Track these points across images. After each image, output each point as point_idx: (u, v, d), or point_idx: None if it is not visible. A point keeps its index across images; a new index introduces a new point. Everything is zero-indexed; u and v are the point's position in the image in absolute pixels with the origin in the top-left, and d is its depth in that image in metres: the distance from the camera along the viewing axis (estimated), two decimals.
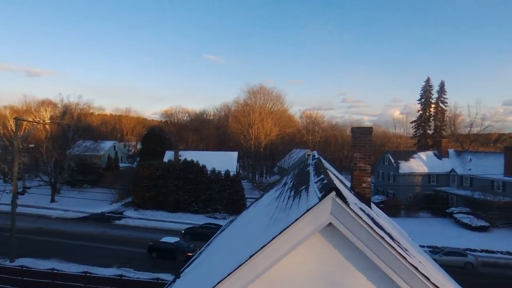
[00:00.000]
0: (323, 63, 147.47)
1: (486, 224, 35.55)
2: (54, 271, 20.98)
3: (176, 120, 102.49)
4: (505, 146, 41.97)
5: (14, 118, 24.45)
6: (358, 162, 8.33)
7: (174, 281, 7.52)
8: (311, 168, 8.12)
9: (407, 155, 48.27)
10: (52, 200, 45.95)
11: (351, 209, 3.33)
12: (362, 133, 8.34)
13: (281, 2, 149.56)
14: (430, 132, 68.57)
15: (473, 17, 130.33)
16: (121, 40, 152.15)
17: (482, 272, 26.00)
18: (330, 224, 3.64)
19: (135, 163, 61.46)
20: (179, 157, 45.98)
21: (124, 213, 41.63)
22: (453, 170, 45.08)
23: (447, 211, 40.38)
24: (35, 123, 34.15)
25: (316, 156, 11.50)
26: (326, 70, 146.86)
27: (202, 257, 7.46)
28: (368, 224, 3.34)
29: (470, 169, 43.06)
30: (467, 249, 29.50)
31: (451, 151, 49.25)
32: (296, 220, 3.38)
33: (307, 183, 5.59)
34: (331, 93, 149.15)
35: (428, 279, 3.25)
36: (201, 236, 29.20)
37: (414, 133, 70.99)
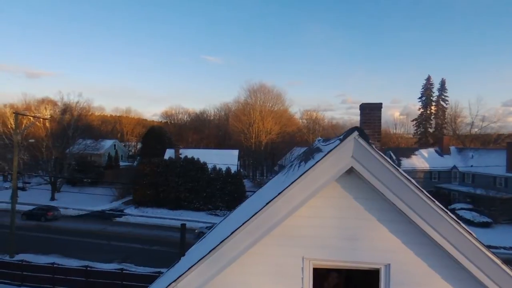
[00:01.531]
0: (323, 64, 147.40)
1: (489, 220, 35.35)
2: (54, 265, 20.74)
3: (176, 121, 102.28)
4: (507, 142, 41.78)
5: (13, 113, 24.21)
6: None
7: (179, 259, 7.31)
8: (320, 144, 7.93)
9: (408, 152, 48.10)
10: (52, 198, 45.68)
11: (376, 150, 3.14)
12: (371, 109, 8.15)
13: (280, 3, 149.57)
14: (431, 130, 68.44)
15: (472, 18, 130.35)
16: (120, 42, 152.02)
17: None
18: (350, 172, 3.45)
19: (136, 162, 61.26)
20: (180, 155, 45.75)
21: (124, 211, 41.38)
22: (454, 166, 44.90)
23: (449, 207, 40.16)
24: (35, 119, 33.91)
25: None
26: (325, 71, 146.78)
27: (209, 234, 7.26)
28: (394, 166, 3.15)
29: (472, 166, 42.87)
30: None
31: (452, 148, 49.09)
32: (316, 163, 3.19)
33: (319, 150, 5.40)
34: (330, 94, 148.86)
35: (458, 223, 3.06)
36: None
37: (415, 131, 70.84)
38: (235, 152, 51.40)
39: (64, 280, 20.32)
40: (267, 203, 3.30)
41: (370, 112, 8.17)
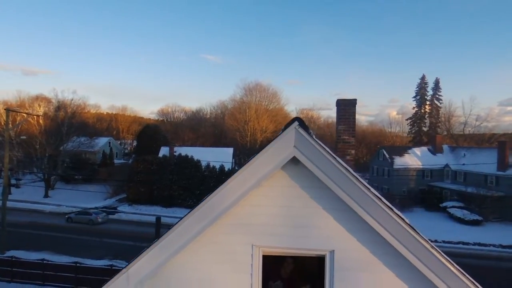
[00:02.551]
0: (320, 63, 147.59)
1: (479, 218, 35.69)
2: (44, 262, 20.80)
3: (173, 119, 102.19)
4: (498, 141, 42.17)
5: (4, 109, 24.21)
6: (342, 135, 8.27)
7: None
8: None
9: (401, 151, 48.40)
10: (46, 195, 45.61)
11: (315, 140, 3.27)
12: (346, 105, 8.29)
13: (278, 3, 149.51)
14: (425, 129, 68.83)
15: (468, 18, 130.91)
16: (118, 40, 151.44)
17: (462, 262, 26.09)
18: (297, 163, 3.58)
19: (131, 160, 61.28)
20: (174, 153, 45.83)
21: (118, 208, 41.42)
22: (447, 165, 45.25)
23: (440, 205, 40.53)
24: (27, 115, 33.85)
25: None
26: (323, 70, 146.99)
27: None
28: (333, 156, 3.28)
29: (464, 164, 43.22)
30: (459, 242, 29.70)
31: (445, 146, 49.46)
32: (258, 153, 3.31)
33: None
34: (327, 93, 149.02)
35: (392, 209, 3.20)
36: None
37: (410, 130, 71.23)
38: (230, 150, 51.52)
39: (54, 276, 20.40)
40: (213, 191, 3.42)
41: (345, 108, 8.31)
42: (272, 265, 4.47)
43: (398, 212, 3.28)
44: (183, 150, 45.80)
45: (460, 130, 64.08)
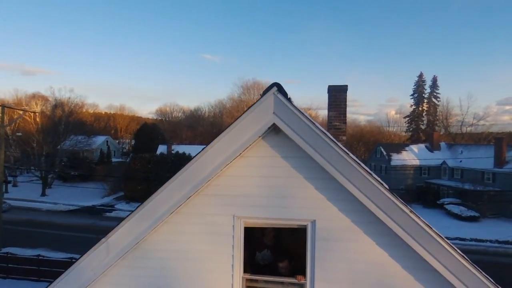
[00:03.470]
0: (319, 63, 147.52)
1: (476, 214, 35.75)
2: (40, 257, 20.75)
3: (171, 118, 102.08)
4: (495, 138, 42.27)
5: (0, 105, 24.13)
6: (334, 121, 8.27)
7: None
8: None
9: (399, 148, 48.43)
10: (43, 194, 45.48)
11: (294, 106, 3.25)
12: (337, 91, 8.29)
13: (277, 2, 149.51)
14: (423, 127, 68.93)
15: (466, 16, 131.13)
16: (117, 40, 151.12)
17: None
18: (278, 132, 3.56)
19: (128, 158, 61.21)
20: (172, 151, 45.82)
21: (115, 206, 41.36)
22: (444, 162, 45.29)
23: (438, 202, 40.57)
24: (23, 113, 33.77)
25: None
26: (321, 69, 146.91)
27: None
28: (312, 122, 3.26)
29: (461, 161, 43.30)
30: (456, 238, 29.72)
31: (442, 144, 49.52)
32: (236, 120, 3.29)
33: None
34: (326, 93, 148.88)
35: (371, 174, 3.18)
36: None
37: (407, 128, 71.32)
38: None
39: (49, 271, 20.33)
40: (192, 159, 3.41)
41: (336, 94, 8.31)
42: (255, 236, 4.46)
43: (377, 177, 3.26)
44: (180, 148, 45.78)
45: (458, 128, 64.20)
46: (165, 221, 3.68)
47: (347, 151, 3.27)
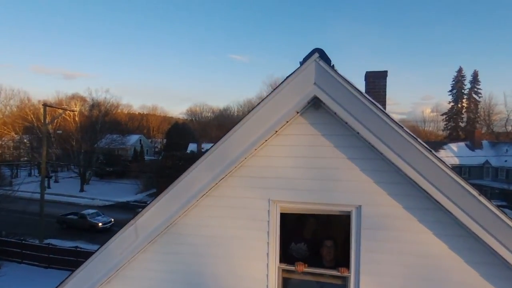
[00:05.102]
0: (351, 61, 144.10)
1: None
2: (78, 249, 21.64)
3: (201, 118, 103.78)
4: None
5: (42, 105, 25.50)
6: None
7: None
8: None
9: (436, 146, 45.88)
10: (81, 190, 47.73)
11: (339, 74, 2.87)
12: (376, 77, 7.77)
13: (304, 1, 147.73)
14: (462, 125, 65.04)
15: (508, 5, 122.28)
16: (149, 43, 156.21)
17: None
18: (318, 107, 3.21)
19: (160, 157, 62.84)
20: (202, 149, 46.39)
21: (147, 202, 42.48)
22: (487, 161, 42.39)
23: None
24: (63, 111, 35.54)
25: None
26: (352, 68, 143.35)
27: None
28: (360, 92, 2.87)
29: (506, 161, 40.32)
30: None
31: (485, 142, 46.39)
32: (271, 93, 2.96)
33: None
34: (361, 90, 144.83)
35: (430, 151, 2.74)
36: None
37: (445, 126, 67.60)
38: None
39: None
40: (221, 139, 3.13)
41: (375, 80, 7.80)
42: (294, 226, 4.12)
43: (438, 155, 2.81)
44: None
45: (502, 126, 59.86)
46: (196, 205, 3.44)
47: (401, 124, 2.85)
